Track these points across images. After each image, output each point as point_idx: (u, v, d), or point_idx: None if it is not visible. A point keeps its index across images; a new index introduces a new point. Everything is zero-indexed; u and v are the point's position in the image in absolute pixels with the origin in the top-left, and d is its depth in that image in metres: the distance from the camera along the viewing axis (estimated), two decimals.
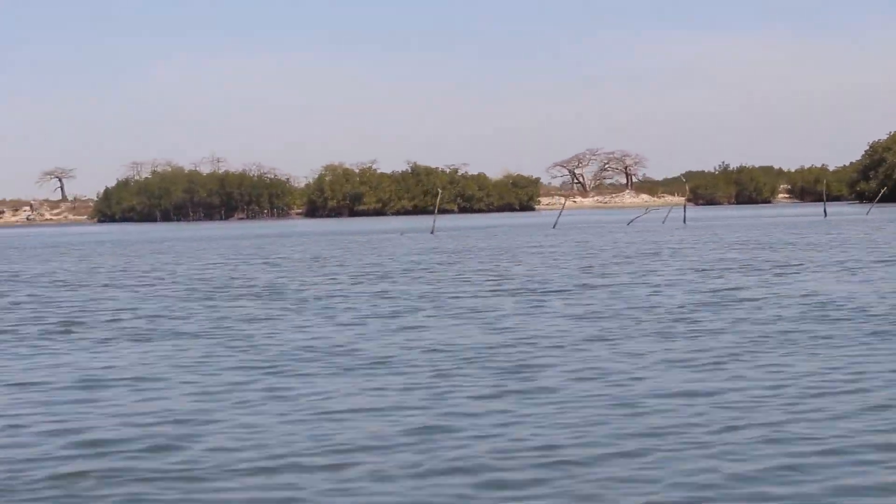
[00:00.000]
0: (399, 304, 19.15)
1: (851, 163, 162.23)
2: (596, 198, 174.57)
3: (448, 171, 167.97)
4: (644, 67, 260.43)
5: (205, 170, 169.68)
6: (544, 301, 19.07)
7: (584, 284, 22.35)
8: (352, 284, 24.12)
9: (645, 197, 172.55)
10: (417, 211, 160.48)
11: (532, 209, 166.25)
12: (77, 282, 27.40)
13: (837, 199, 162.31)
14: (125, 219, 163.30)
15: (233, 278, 27.02)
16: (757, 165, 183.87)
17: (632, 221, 66.63)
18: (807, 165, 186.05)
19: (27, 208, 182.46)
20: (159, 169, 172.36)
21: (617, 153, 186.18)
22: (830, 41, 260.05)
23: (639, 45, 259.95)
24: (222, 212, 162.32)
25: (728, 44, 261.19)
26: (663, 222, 66.65)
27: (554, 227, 63.60)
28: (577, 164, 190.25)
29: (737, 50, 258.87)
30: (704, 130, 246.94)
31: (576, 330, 14.84)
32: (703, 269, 25.67)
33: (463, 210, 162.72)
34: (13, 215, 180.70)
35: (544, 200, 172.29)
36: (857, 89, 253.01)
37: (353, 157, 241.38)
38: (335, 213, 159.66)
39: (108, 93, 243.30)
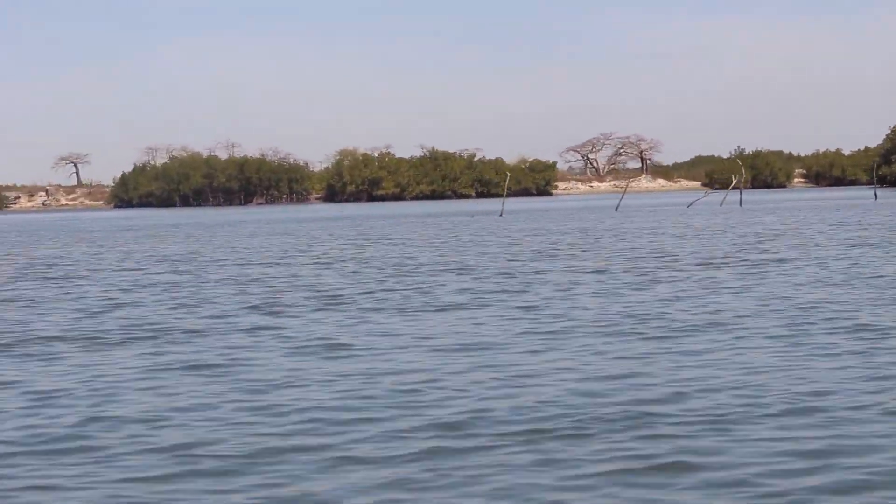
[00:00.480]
0: (619, 278, 19.68)
1: (867, 147, 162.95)
2: (613, 182, 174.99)
3: (465, 155, 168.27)
4: (651, 52, 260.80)
5: (221, 155, 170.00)
6: (762, 273, 19.61)
7: (775, 260, 22.90)
8: (526, 262, 24.65)
9: (661, 181, 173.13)
10: (436, 196, 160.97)
11: (549, 194, 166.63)
12: (247, 261, 27.90)
13: (853, 183, 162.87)
14: (143, 204, 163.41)
15: (404, 257, 27.50)
16: (764, 150, 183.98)
17: (692, 204, 67.37)
18: (818, 150, 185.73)
19: (42, 193, 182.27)
20: (175, 154, 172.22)
21: (632, 137, 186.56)
22: (842, 24, 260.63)
23: (645, 29, 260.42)
24: (241, 197, 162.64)
25: (737, 27, 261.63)
26: (721, 205, 67.37)
27: (616, 209, 64.28)
28: (591, 148, 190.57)
29: (747, 33, 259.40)
30: (713, 115, 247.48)
31: (846, 297, 15.39)
32: (860, 245, 26.23)
33: (480, 195, 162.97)
34: (29, 200, 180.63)
35: (561, 185, 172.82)
36: (869, 73, 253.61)
37: (364, 142, 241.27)
38: (353, 197, 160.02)
39: (120, 78, 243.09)
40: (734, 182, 73.33)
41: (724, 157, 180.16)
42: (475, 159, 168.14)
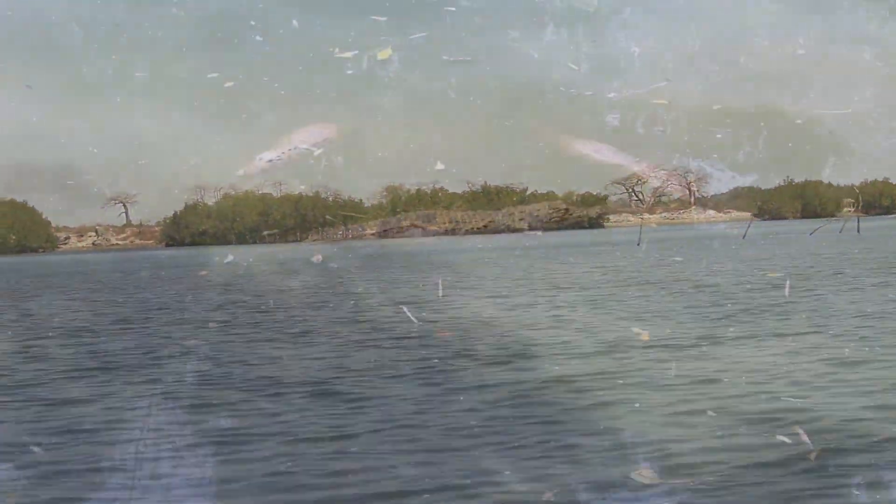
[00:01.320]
0: None
1: None
2: (663, 214, 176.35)
3: (518, 189, 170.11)
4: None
5: (274, 193, 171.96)
6: None
7: None
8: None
9: (711, 213, 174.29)
10: (489, 230, 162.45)
11: (601, 227, 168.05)
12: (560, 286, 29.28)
13: None
14: (196, 242, 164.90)
15: (692, 278, 28.88)
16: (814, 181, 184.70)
17: (814, 231, 68.92)
18: (866, 179, 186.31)
19: (93, 233, 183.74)
20: (225, 192, 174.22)
21: (679, 170, 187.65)
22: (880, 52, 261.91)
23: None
24: (297, 233, 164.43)
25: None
26: (840, 232, 68.65)
27: (744, 237, 65.66)
28: (636, 181, 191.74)
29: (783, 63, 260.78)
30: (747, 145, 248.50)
31: None
32: None
33: (532, 228, 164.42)
34: (79, 240, 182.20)
35: (612, 218, 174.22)
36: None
37: (404, 178, 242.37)
38: (407, 232, 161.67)
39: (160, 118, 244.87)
40: (852, 211, 74.97)
41: (764, 188, 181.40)
42: (527, 193, 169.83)
